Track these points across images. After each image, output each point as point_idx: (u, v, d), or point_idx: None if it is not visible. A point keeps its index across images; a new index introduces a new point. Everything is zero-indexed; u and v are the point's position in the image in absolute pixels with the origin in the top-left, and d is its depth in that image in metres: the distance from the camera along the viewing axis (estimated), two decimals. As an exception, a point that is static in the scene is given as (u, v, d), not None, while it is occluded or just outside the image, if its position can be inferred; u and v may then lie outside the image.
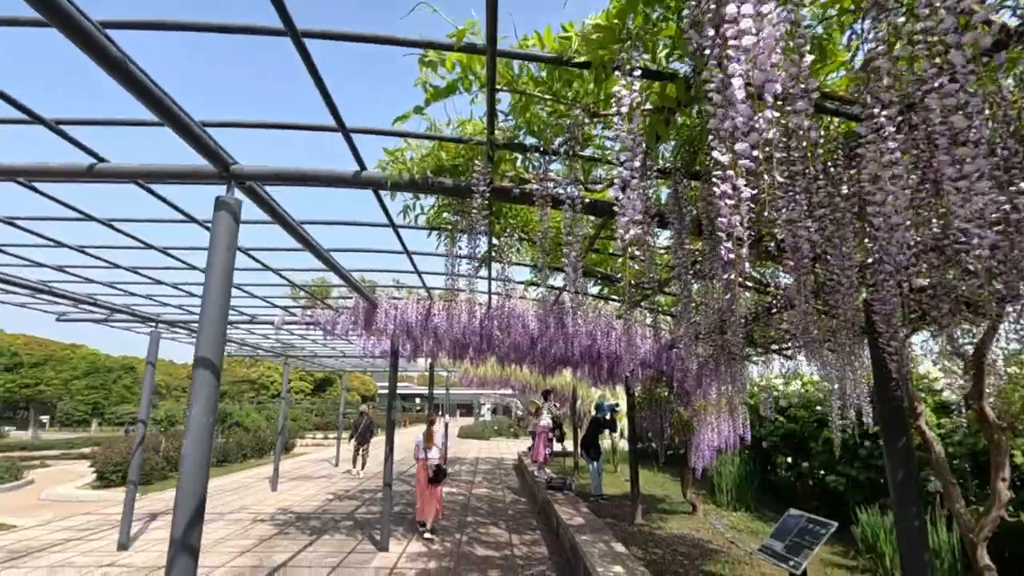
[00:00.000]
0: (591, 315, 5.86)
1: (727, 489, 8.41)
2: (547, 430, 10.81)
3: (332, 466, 16.91)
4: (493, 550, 7.18)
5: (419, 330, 6.70)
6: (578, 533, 6.26)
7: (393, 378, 7.62)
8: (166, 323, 7.83)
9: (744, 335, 4.18)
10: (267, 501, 10.64)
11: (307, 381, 62.29)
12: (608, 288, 5.13)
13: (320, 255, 4.25)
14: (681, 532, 6.99)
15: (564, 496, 8.83)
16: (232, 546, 7.25)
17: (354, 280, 5.23)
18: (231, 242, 2.78)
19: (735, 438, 7.07)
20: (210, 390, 2.61)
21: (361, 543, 7.47)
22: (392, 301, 6.60)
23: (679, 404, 7.24)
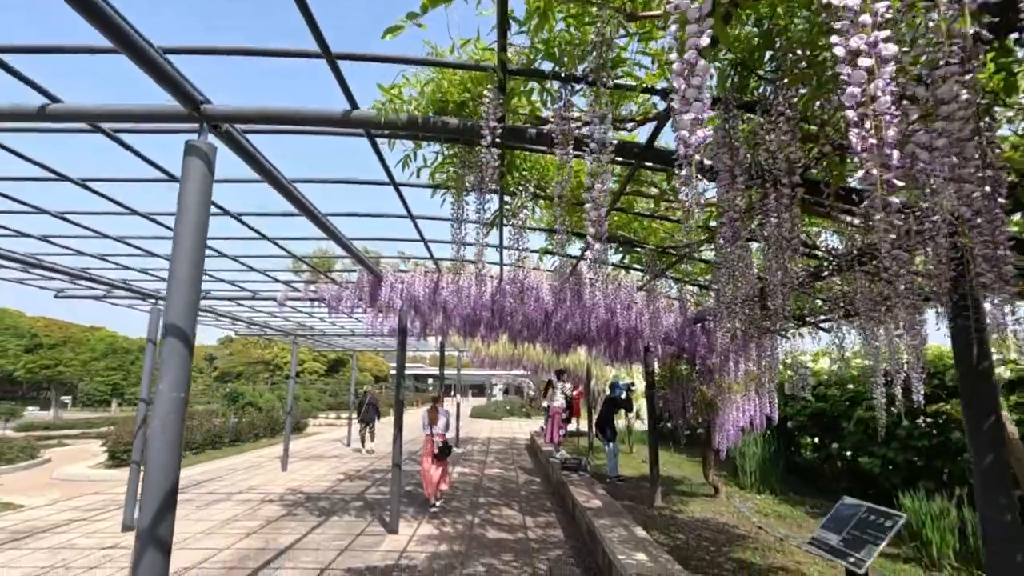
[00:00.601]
0: (610, 287, 5.45)
1: (751, 471, 8.05)
2: (561, 411, 10.50)
3: (344, 446, 16.84)
4: (506, 532, 6.92)
5: (427, 305, 6.36)
6: (596, 517, 5.94)
7: (401, 357, 7.31)
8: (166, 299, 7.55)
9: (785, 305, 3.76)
10: (277, 481, 10.50)
11: (320, 362, 62.86)
12: (630, 256, 4.71)
13: (315, 218, 3.88)
14: (704, 516, 6.67)
15: (579, 477, 8.54)
16: (239, 527, 7.06)
17: (356, 249, 4.86)
18: (204, 195, 2.42)
19: (762, 418, 6.68)
20: (181, 362, 2.27)
21: (370, 525, 7.25)
22: (398, 274, 6.24)
23: (702, 382, 6.85)
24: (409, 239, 5.01)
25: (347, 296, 6.65)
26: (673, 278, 4.91)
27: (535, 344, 9.38)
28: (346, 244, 4.64)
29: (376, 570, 5.49)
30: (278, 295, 7.13)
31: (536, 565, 5.68)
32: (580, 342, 7.82)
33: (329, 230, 4.19)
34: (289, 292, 7.20)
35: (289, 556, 5.91)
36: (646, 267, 4.64)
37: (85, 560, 5.78)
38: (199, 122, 2.45)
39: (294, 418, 21.15)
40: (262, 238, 4.86)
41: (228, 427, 16.46)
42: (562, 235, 3.89)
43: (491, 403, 39.76)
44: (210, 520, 7.44)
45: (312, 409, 31.20)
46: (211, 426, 15.77)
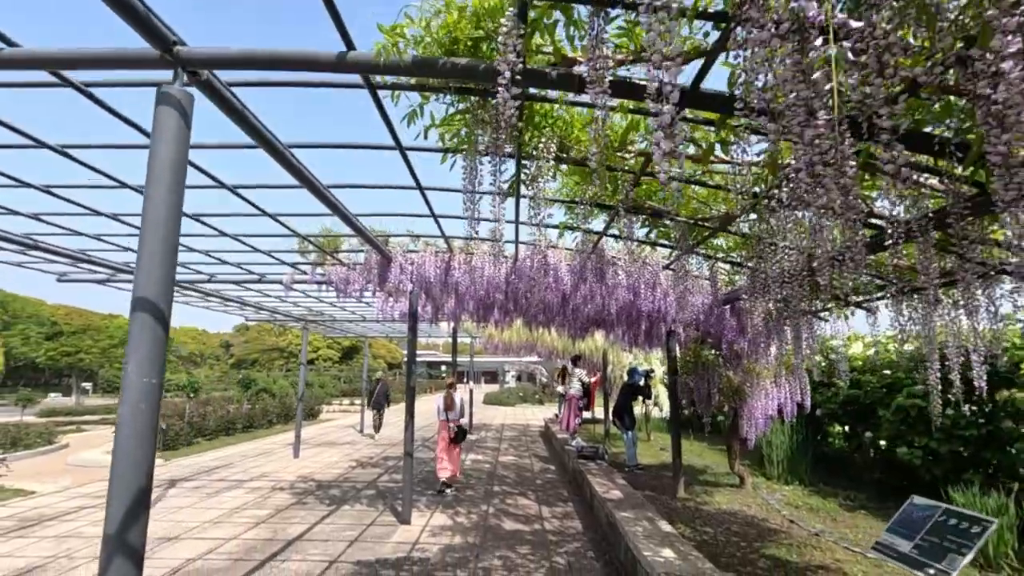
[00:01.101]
0: (634, 265, 5.08)
1: (778, 461, 7.68)
2: (577, 397, 10.18)
3: (357, 432, 16.74)
4: (522, 523, 6.66)
5: (438, 287, 6.04)
6: (617, 509, 5.64)
7: (412, 342, 7.02)
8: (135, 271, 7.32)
9: (853, 274, 3.38)
10: (288, 468, 10.37)
11: (335, 349, 63.38)
12: (658, 231, 4.33)
13: (316, 189, 3.56)
14: (731, 508, 6.34)
15: (597, 466, 8.24)
16: (247, 517, 6.88)
17: (361, 225, 4.54)
18: (178, 152, 2.10)
19: (792, 405, 6.30)
20: (153, 343, 1.97)
21: (382, 514, 7.03)
22: (408, 255, 5.92)
23: (728, 368, 6.48)
24: (418, 214, 4.68)
25: (355, 279, 6.36)
26: (704, 254, 4.52)
27: (550, 329, 9.05)
28: (351, 219, 4.32)
29: (387, 563, 5.26)
30: (284, 278, 6.86)
31: (554, 559, 5.41)
32: (598, 326, 7.47)
33: (331, 203, 3.87)
34: (296, 275, 6.93)
35: (297, 548, 5.70)
36: (675, 242, 4.27)
37: (90, 550, 5.62)
38: (173, 67, 2.13)
39: (307, 404, 21.17)
40: (262, 214, 4.56)
41: (241, 413, 16.42)
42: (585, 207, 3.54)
43: (504, 390, 39.67)
44: (219, 508, 7.28)
45: (326, 395, 31.31)
46: (224, 412, 15.73)
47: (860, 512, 6.21)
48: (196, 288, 7.86)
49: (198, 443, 13.85)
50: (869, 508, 6.40)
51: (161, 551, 5.56)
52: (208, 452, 12.49)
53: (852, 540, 5.22)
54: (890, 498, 6.68)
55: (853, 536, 5.36)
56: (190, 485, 8.79)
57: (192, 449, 12.90)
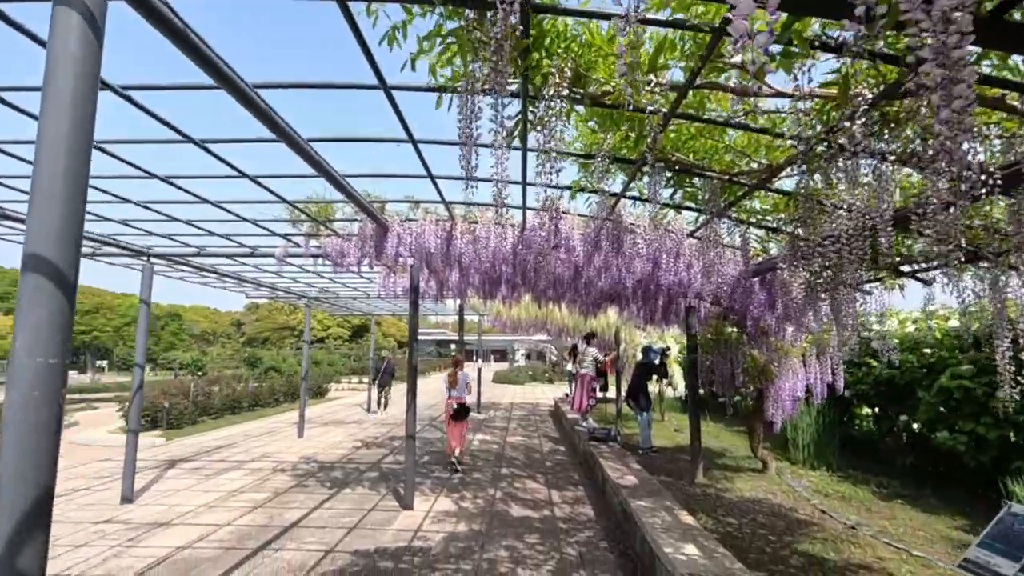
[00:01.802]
0: (654, 233, 4.58)
1: (804, 444, 7.23)
2: (590, 377, 9.75)
3: (364, 411, 16.54)
4: (531, 509, 6.30)
5: (440, 258, 5.58)
6: (632, 497, 5.25)
7: (413, 317, 6.60)
8: (160, 256, 6.93)
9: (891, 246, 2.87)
10: (292, 448, 10.11)
11: (344, 327, 63.64)
12: (684, 191, 3.81)
13: (295, 143, 3.08)
14: (754, 495, 5.92)
15: (609, 449, 7.86)
16: (244, 500, 6.59)
17: (350, 186, 4.06)
18: (86, 73, 1.62)
19: (822, 386, 5.82)
20: (52, 312, 1.52)
21: (384, 499, 6.71)
22: (405, 224, 5.46)
23: (753, 346, 5.99)
24: (414, 175, 4.19)
25: (351, 250, 5.91)
26: (734, 219, 3.99)
27: (560, 305, 8.58)
28: (338, 180, 3.85)
29: (386, 553, 4.92)
30: (276, 251, 6.43)
31: (564, 549, 5.04)
32: (612, 301, 6.99)
33: (313, 160, 3.39)
34: (289, 247, 6.50)
35: (292, 535, 5.38)
36: (703, 205, 3.76)
37: (76, 535, 5.34)
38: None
39: (315, 383, 21.02)
40: (240, 175, 4.10)
41: (247, 392, 16.25)
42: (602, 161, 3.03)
43: (513, 368, 39.49)
44: (215, 491, 7.00)
45: (335, 374, 31.27)
46: (230, 391, 15.56)
47: (896, 502, 5.75)
48: (187, 262, 7.46)
49: (203, 422, 13.69)
50: (905, 497, 5.93)
51: (149, 538, 5.27)
52: (212, 431, 12.30)
53: (893, 534, 4.77)
54: (927, 485, 6.22)
55: (894, 530, 4.91)
56: (189, 466, 8.55)
57: (197, 428, 12.72)
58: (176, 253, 6.92)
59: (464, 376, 8.25)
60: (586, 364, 9.74)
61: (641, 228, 4.61)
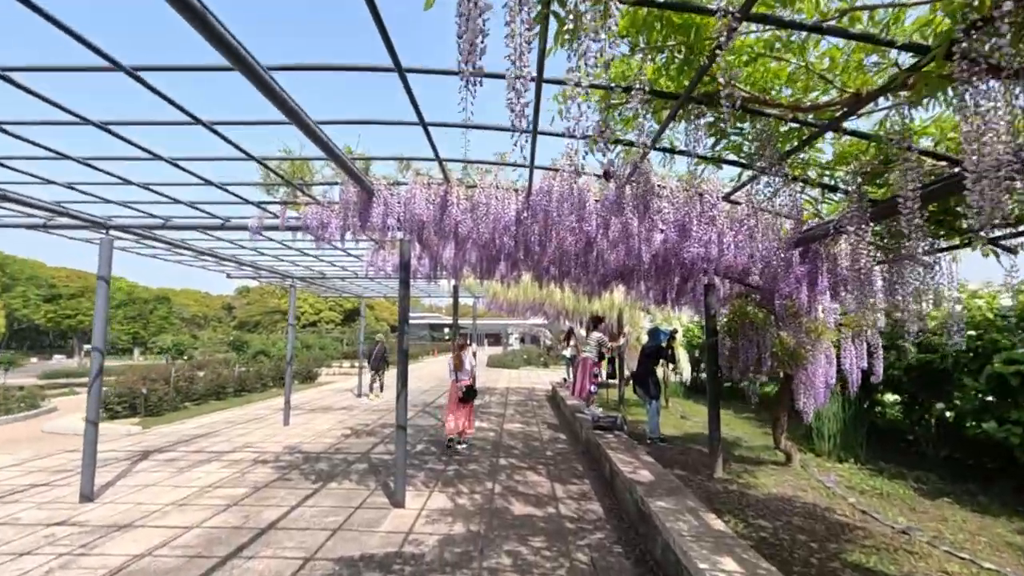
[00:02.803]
0: (683, 195, 3.93)
1: (829, 435, 6.68)
2: (593, 362, 9.17)
3: (355, 396, 15.95)
4: (533, 506, 5.75)
5: (433, 229, 4.91)
6: (649, 496, 4.68)
7: (404, 298, 5.95)
8: (120, 229, 6.22)
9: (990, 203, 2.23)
10: (276, 437, 9.51)
11: (337, 311, 63.10)
12: (727, 141, 3.16)
13: (251, 69, 2.39)
14: (783, 492, 5.37)
15: (616, 438, 7.30)
16: (219, 497, 5.99)
17: (323, 135, 3.38)
18: None
19: (857, 373, 5.25)
20: None
21: (373, 494, 6.13)
22: (394, 189, 4.78)
23: (781, 327, 5.39)
24: (402, 122, 3.51)
25: (333, 221, 5.23)
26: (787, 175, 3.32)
27: (563, 285, 7.95)
28: (310, 126, 3.17)
29: (373, 561, 4.34)
30: (250, 222, 5.72)
31: (574, 555, 4.49)
32: (622, 279, 6.37)
33: (278, 95, 2.71)
34: (264, 218, 5.80)
35: (269, 539, 4.79)
36: (751, 157, 3.11)
37: (22, 541, 4.72)
38: None
39: (304, 367, 20.39)
40: (193, 121, 3.39)
41: (233, 377, 15.59)
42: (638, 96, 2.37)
43: (508, 352, 39.01)
44: (188, 487, 6.39)
45: (327, 358, 30.65)
46: (214, 376, 14.91)
47: (943, 500, 5.19)
48: (154, 236, 6.74)
49: (185, 408, 13.07)
50: (950, 495, 5.33)
51: (105, 543, 4.66)
52: (194, 419, 11.67)
53: (951, 541, 4.21)
54: (969, 480, 5.69)
55: (950, 535, 4.35)
56: (164, 457, 7.93)
57: (178, 415, 12.09)
58: (138, 225, 6.20)
59: (469, 359, 8.30)
60: (589, 348, 9.15)
61: (667, 190, 3.97)
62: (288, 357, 11.11)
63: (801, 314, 5.15)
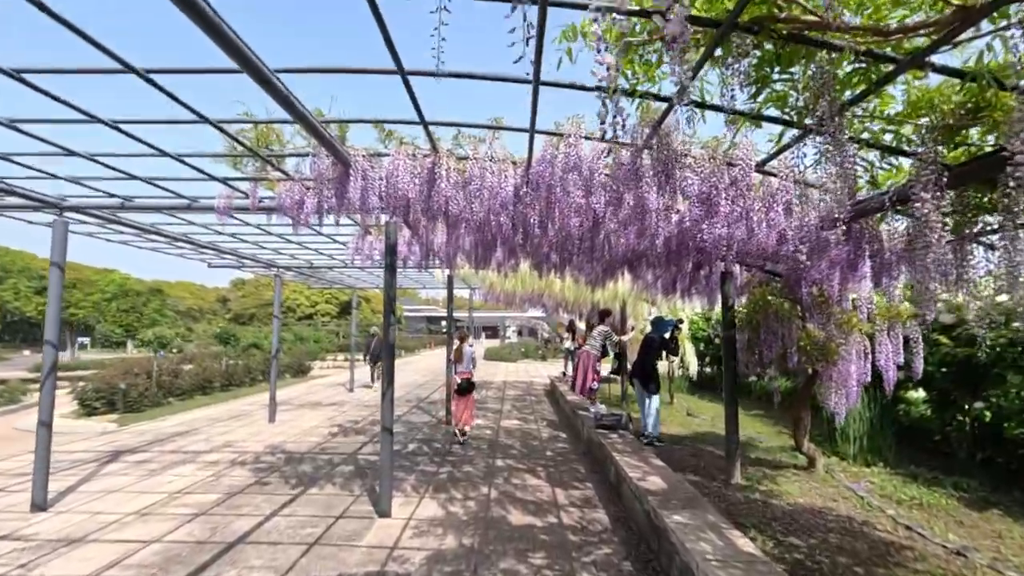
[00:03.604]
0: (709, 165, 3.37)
1: (854, 436, 6.15)
2: (595, 357, 8.62)
3: (346, 391, 15.40)
4: (533, 514, 5.23)
5: (420, 208, 4.34)
6: (664, 507, 4.15)
7: (390, 286, 5.39)
8: (75, 210, 5.63)
9: None
10: (259, 436, 8.96)
11: (333, 304, 62.58)
12: (769, 91, 2.59)
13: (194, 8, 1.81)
14: (811, 503, 4.84)
15: (621, 439, 6.78)
16: (188, 504, 5.45)
17: (285, 88, 2.80)
18: None
19: (894, 369, 4.72)
20: None
21: (357, 501, 5.61)
22: (374, 161, 4.20)
23: (808, 318, 4.84)
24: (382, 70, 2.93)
25: (308, 200, 4.64)
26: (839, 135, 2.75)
27: (563, 274, 7.38)
28: (268, 78, 2.59)
29: (351, 585, 3.82)
30: (217, 202, 5.14)
31: (579, 574, 3.96)
32: (630, 266, 5.82)
33: (227, 39, 2.13)
34: (233, 197, 5.21)
35: (235, 556, 4.25)
36: (805, 108, 2.54)
37: (-44, 559, 4.18)
38: None
39: (295, 361, 19.82)
40: (124, 69, 2.81)
41: (219, 371, 15.02)
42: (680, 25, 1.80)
43: (505, 345, 38.48)
44: (156, 492, 5.85)
45: (320, 351, 30.08)
46: (200, 370, 14.34)
47: (993, 512, 4.63)
48: (116, 218, 6.16)
49: (168, 404, 12.50)
50: (998, 504, 4.70)
51: (50, 561, 4.12)
52: (176, 415, 11.11)
53: (1017, 565, 3.70)
54: (1015, 487, 5.19)
55: (1015, 556, 3.83)
56: (136, 458, 7.38)
57: (159, 411, 11.52)
58: (95, 206, 5.60)
59: (470, 351, 8.29)
60: (595, 343, 8.61)
61: (690, 158, 3.41)
62: (273, 351, 10.54)
63: (831, 303, 4.61)
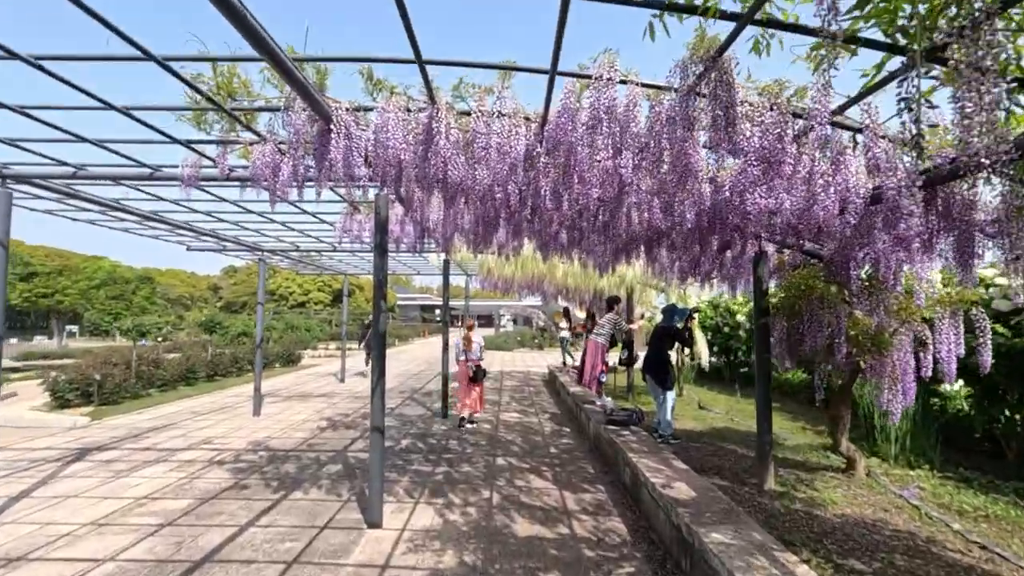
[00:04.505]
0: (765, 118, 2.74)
1: (897, 434, 5.60)
2: (604, 348, 8.03)
3: (337, 381, 14.80)
4: (541, 523, 4.66)
5: (413, 173, 3.69)
6: (698, 523, 3.58)
7: (380, 268, 4.75)
8: (19, 179, 4.92)
9: None
10: (242, 431, 8.34)
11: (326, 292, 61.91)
12: (871, 7, 1.96)
13: None
14: (860, 514, 4.27)
15: (635, 437, 6.21)
16: (152, 514, 4.84)
17: (244, 8, 2.14)
18: None
19: (955, 362, 4.15)
20: None
21: (344, 507, 5.02)
22: (361, 116, 3.55)
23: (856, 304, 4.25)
24: None
25: (285, 166, 3.97)
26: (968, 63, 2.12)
27: (571, 257, 6.75)
28: None
29: (333, 617, 3.23)
30: (182, 170, 4.45)
31: (601, 601, 3.40)
32: (648, 246, 5.19)
33: None
34: (198, 164, 4.52)
35: (198, 580, 3.65)
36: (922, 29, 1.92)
37: None
38: None
39: (285, 350, 19.15)
40: None
41: (204, 360, 14.35)
42: None
43: (501, 334, 37.90)
44: (119, 498, 5.24)
45: (312, 339, 29.41)
46: (184, 359, 13.67)
47: (1072, 525, 4.15)
48: (72, 191, 5.45)
49: (148, 395, 11.84)
50: None
51: (-24, 590, 3.50)
52: (155, 408, 10.47)
53: None
54: (1086, 494, 4.67)
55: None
56: (103, 457, 6.75)
57: (138, 404, 10.86)
58: (43, 175, 4.90)
59: (478, 340, 8.54)
60: (602, 332, 8.01)
61: (747, 106, 2.77)
62: (258, 339, 9.87)
63: (885, 288, 4.03)
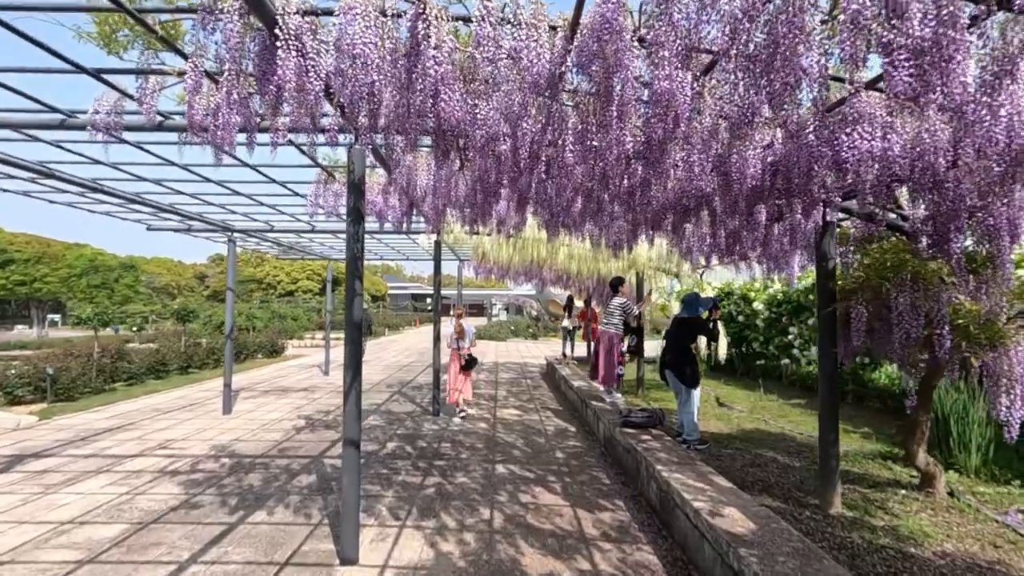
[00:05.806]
0: None
1: (978, 445, 4.74)
2: (617, 337, 7.13)
3: (321, 373, 13.84)
4: (554, 554, 3.79)
5: (392, 107, 2.73)
6: (772, 572, 2.68)
7: (354, 235, 3.79)
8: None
9: None
10: (207, 432, 7.38)
11: (314, 280, 60.94)
12: None
13: None
14: (965, 551, 3.40)
15: (657, 441, 5.34)
16: (75, 543, 3.90)
17: None
18: None
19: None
20: None
21: (314, 535, 4.10)
22: (316, 22, 2.59)
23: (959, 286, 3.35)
24: None
25: (220, 99, 2.96)
26: None
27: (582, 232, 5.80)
28: None
29: None
30: (95, 116, 3.42)
31: None
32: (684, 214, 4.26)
33: None
34: (118, 102, 3.49)
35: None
36: None
37: None
38: None
39: (267, 340, 18.12)
40: None
41: (176, 351, 13.32)
42: None
43: (493, 323, 36.98)
44: (39, 522, 4.29)
45: (298, 329, 28.36)
46: (152, 351, 12.65)
47: None
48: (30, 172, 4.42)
49: (112, 390, 10.82)
50: None
51: None
52: (115, 404, 9.46)
53: None
54: None
55: None
56: (38, 466, 5.79)
57: (97, 400, 9.85)
58: None
59: (470, 328, 8.39)
60: (613, 320, 7.10)
61: None
62: (228, 329, 8.86)
63: (997, 265, 3.15)
